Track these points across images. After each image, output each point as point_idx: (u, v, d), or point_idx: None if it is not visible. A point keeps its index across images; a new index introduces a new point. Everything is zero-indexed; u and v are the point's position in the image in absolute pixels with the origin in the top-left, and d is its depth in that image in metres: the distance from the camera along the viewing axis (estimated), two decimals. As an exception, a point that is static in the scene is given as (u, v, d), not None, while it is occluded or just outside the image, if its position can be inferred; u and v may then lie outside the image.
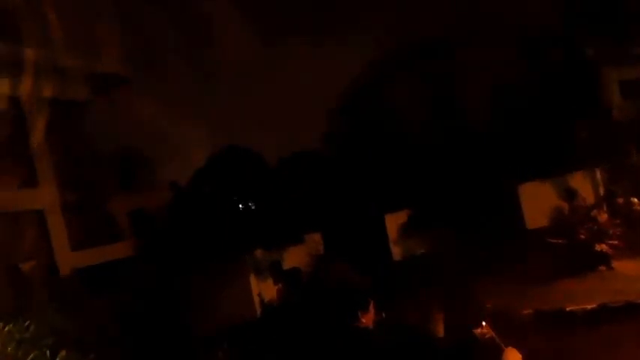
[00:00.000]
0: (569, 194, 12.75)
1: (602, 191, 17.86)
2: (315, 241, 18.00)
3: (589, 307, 9.13)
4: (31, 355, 7.05)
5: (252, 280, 14.96)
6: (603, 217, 12.15)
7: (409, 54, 21.10)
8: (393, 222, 18.86)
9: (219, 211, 19.05)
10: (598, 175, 18.33)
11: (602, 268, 11.08)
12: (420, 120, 20.16)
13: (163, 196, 18.78)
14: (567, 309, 9.28)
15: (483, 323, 2.94)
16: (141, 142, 18.59)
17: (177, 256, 14.88)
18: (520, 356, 2.70)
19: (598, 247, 11.20)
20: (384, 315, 3.02)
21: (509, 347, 2.74)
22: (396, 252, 18.55)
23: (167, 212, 18.22)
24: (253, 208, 20.30)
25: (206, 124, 21.54)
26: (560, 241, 11.64)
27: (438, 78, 20.67)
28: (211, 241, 16.38)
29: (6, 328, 7.29)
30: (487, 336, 2.88)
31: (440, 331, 5.85)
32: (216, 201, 19.63)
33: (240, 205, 20.38)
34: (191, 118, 20.61)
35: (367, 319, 2.93)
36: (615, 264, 11.11)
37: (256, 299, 14.40)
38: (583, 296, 9.69)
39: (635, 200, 16.57)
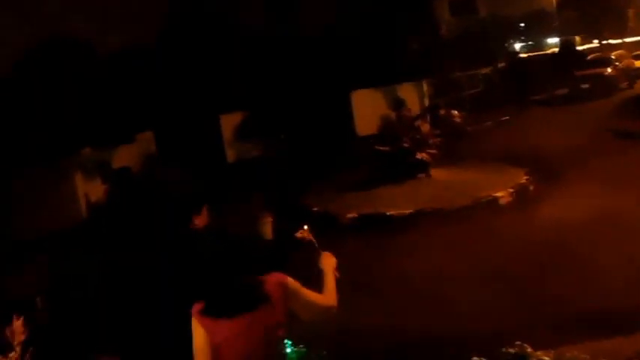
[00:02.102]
0: (397, 104, 13.24)
1: (427, 103, 18.93)
2: (146, 140, 17.38)
3: (407, 211, 9.78)
4: None
5: (79, 180, 14.19)
6: (425, 127, 12.78)
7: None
8: (229, 123, 18.69)
9: (41, 105, 17.73)
10: (424, 87, 19.36)
11: (422, 175, 11.80)
12: (258, 22, 19.87)
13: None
14: (387, 213, 9.85)
15: (305, 227, 3.04)
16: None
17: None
18: (335, 260, 2.82)
19: (419, 156, 11.83)
20: (214, 217, 3.03)
21: (326, 251, 2.87)
22: (230, 154, 18.52)
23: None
24: (81, 102, 19.00)
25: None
26: (385, 149, 12.13)
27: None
28: (32, 138, 15.30)
29: None
30: (306, 239, 2.99)
31: (268, 234, 6.02)
32: (38, 94, 18.21)
33: (67, 99, 19.02)
34: None
35: (200, 222, 2.93)
36: (433, 172, 11.88)
37: (83, 200, 13.75)
38: (403, 201, 10.34)
39: (455, 112, 17.78)
